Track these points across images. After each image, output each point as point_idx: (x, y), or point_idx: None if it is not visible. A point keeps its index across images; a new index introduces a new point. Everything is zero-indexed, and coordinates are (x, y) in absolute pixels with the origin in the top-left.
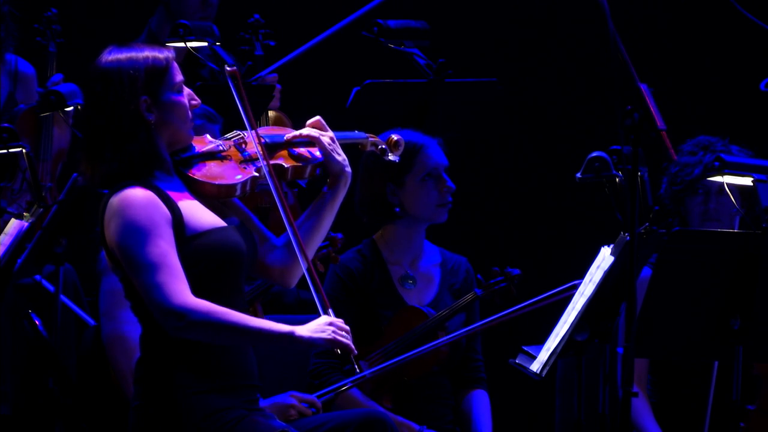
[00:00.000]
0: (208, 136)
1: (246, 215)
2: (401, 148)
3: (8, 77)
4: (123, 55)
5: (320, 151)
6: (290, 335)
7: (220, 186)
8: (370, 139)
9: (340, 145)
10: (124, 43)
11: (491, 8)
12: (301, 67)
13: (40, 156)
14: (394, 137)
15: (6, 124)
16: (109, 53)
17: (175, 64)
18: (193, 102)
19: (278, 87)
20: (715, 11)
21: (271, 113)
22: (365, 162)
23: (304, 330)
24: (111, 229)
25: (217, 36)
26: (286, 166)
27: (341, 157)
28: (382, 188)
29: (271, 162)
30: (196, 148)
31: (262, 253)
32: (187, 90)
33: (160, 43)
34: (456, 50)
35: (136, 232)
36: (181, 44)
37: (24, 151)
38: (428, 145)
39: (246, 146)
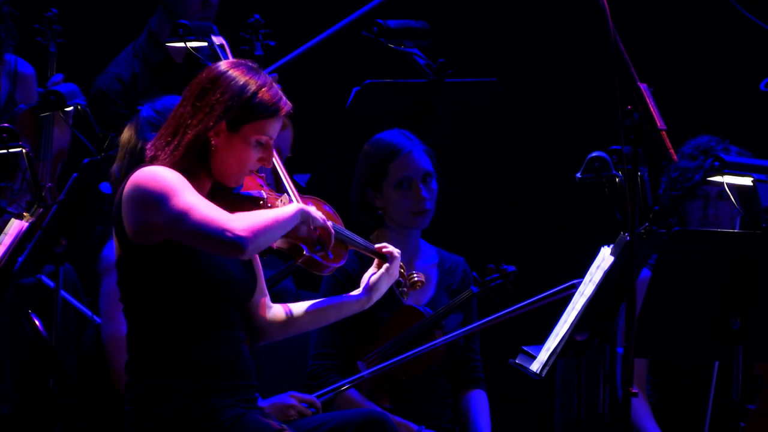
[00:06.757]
0: (260, 177)
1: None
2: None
3: (8, 77)
4: (243, 77)
5: (381, 278)
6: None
7: None
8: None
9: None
10: (256, 67)
11: (491, 8)
12: (301, 67)
13: (40, 156)
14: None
15: (6, 124)
16: (238, 66)
17: (281, 122)
18: (263, 163)
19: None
20: (715, 11)
21: None
22: (358, 164)
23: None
24: (136, 201)
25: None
26: (306, 253)
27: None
28: (364, 191)
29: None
30: (242, 185)
31: (253, 302)
32: (269, 151)
33: (159, 43)
34: (456, 50)
35: (167, 189)
36: (181, 44)
37: (24, 151)
38: (406, 152)
39: None
